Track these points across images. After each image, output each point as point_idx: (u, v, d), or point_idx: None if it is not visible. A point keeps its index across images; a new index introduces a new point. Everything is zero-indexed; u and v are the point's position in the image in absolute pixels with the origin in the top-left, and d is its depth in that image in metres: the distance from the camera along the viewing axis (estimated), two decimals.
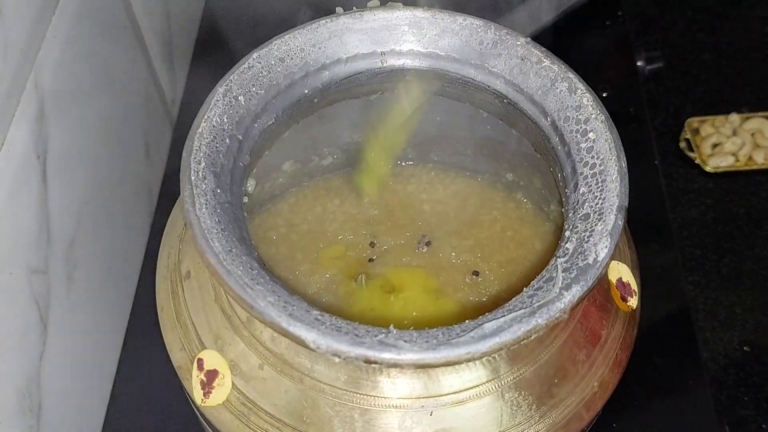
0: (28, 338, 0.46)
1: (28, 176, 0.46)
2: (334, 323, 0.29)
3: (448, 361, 0.28)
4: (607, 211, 0.32)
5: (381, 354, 0.28)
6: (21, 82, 0.45)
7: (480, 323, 0.29)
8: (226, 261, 0.30)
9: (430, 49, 0.40)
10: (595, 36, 0.80)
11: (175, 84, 0.73)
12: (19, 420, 0.45)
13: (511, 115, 0.40)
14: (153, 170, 0.67)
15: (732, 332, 0.62)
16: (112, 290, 0.59)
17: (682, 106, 0.77)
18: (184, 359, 0.36)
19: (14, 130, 0.44)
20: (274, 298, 0.29)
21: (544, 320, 0.29)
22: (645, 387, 0.57)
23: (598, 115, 0.35)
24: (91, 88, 0.55)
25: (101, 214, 0.56)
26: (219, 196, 0.33)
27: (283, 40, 0.38)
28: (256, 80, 0.37)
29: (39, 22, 0.47)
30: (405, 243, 0.48)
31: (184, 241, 0.39)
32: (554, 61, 0.38)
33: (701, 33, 0.84)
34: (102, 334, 0.57)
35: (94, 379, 0.56)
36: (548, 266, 0.31)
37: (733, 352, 0.61)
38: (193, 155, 0.33)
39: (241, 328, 0.35)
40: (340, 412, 0.33)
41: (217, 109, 0.35)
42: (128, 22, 0.62)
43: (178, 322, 0.37)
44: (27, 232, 0.46)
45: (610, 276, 0.38)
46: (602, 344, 0.36)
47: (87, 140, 0.54)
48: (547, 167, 0.39)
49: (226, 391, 0.34)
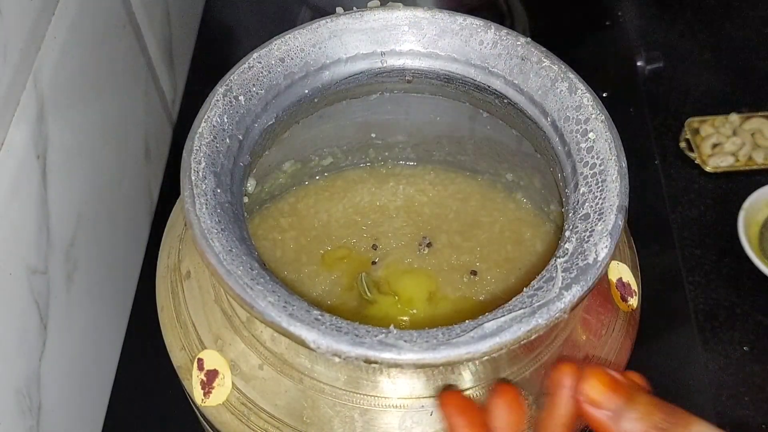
0: (28, 338, 0.46)
1: (28, 176, 0.46)
2: (334, 323, 0.29)
3: (449, 361, 0.28)
4: (607, 211, 0.32)
5: (381, 354, 0.28)
6: (21, 82, 0.45)
7: (480, 323, 0.29)
8: (226, 261, 0.30)
9: (430, 49, 0.40)
10: (595, 36, 0.80)
11: (175, 84, 0.73)
12: (19, 420, 0.45)
13: (511, 115, 0.40)
14: (153, 170, 0.67)
15: (732, 332, 0.62)
16: (112, 290, 0.59)
17: (682, 106, 0.77)
18: (184, 359, 0.36)
19: (14, 130, 0.44)
20: (275, 298, 0.29)
21: (544, 320, 0.29)
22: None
23: (598, 115, 0.35)
24: (91, 88, 0.55)
25: (101, 214, 0.56)
26: (219, 196, 0.33)
27: (283, 40, 0.38)
28: (256, 80, 0.37)
29: (39, 22, 0.47)
30: (405, 244, 0.48)
31: (184, 241, 0.39)
32: (554, 61, 0.38)
33: (701, 33, 0.84)
34: (102, 334, 0.57)
35: (94, 379, 0.56)
36: (548, 266, 0.31)
37: (733, 352, 0.61)
38: (194, 155, 0.33)
39: (241, 328, 0.35)
40: (340, 412, 0.33)
41: (217, 109, 0.35)
42: (128, 22, 0.61)
43: (178, 322, 0.37)
44: (27, 232, 0.46)
45: (611, 276, 0.38)
46: (602, 344, 0.36)
47: (87, 140, 0.54)
48: (547, 167, 0.39)
49: (226, 391, 0.34)
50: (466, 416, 0.29)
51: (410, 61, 0.40)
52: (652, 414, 0.26)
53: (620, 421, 0.26)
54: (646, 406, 0.27)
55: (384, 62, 0.40)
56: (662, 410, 0.26)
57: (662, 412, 0.26)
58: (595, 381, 0.27)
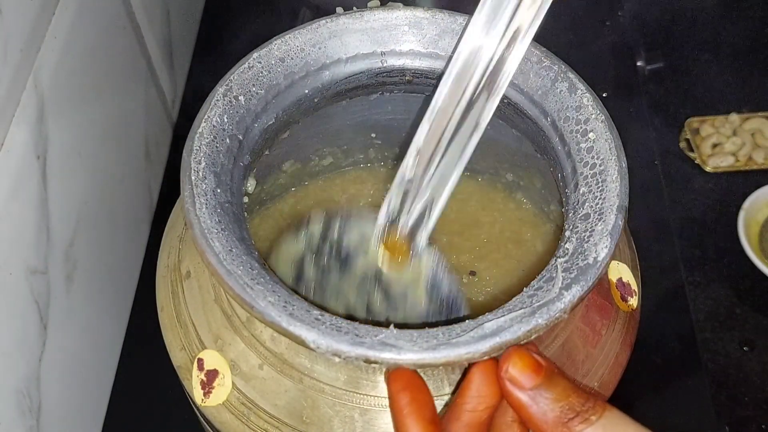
0: (28, 338, 0.46)
1: (28, 176, 0.46)
2: (334, 323, 0.29)
3: (449, 361, 0.28)
4: (608, 211, 0.32)
5: (381, 354, 0.28)
6: (21, 82, 0.45)
7: (480, 323, 0.29)
8: (226, 261, 0.30)
9: (430, 49, 0.40)
10: (595, 36, 0.80)
11: (175, 84, 0.73)
12: (19, 420, 0.45)
13: (511, 115, 0.40)
14: (153, 170, 0.67)
15: (732, 332, 0.62)
16: (112, 290, 0.59)
17: (682, 106, 0.77)
18: (184, 359, 0.36)
19: (14, 130, 0.44)
20: (275, 297, 0.29)
21: (544, 320, 0.29)
22: (645, 387, 0.57)
23: (598, 115, 0.35)
24: (91, 88, 0.55)
25: (101, 214, 0.56)
26: (219, 195, 0.33)
27: (283, 40, 0.38)
28: (256, 80, 0.37)
29: (39, 22, 0.47)
30: None
31: (184, 241, 0.39)
32: (554, 61, 0.38)
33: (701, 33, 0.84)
34: (102, 334, 0.57)
35: (94, 379, 0.56)
36: (548, 266, 0.31)
37: (733, 352, 0.61)
38: (194, 155, 0.33)
39: (241, 328, 0.35)
40: (340, 412, 0.33)
41: (217, 109, 0.35)
42: (128, 22, 0.61)
43: (179, 322, 0.37)
44: (27, 232, 0.46)
45: (611, 276, 0.38)
46: (602, 344, 0.36)
47: (87, 140, 0.54)
48: (547, 167, 0.39)
49: (226, 391, 0.34)
50: (411, 392, 0.29)
51: (410, 61, 0.40)
52: (569, 396, 0.28)
53: (537, 400, 0.28)
54: (563, 389, 0.28)
55: (384, 62, 0.40)
56: (578, 394, 0.28)
57: (578, 395, 0.28)
58: (516, 359, 0.28)
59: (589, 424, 0.27)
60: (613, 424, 0.27)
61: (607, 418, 0.27)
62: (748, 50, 0.82)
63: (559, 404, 0.27)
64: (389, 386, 0.30)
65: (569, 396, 0.28)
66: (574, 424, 0.27)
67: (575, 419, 0.27)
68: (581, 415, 0.27)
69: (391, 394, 0.29)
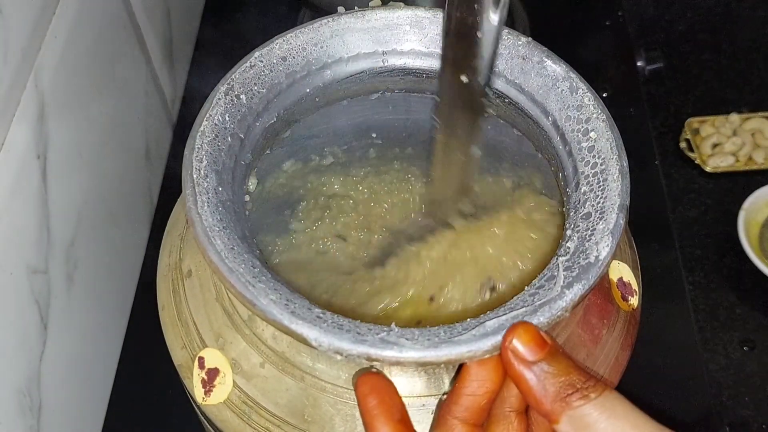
0: (28, 338, 0.46)
1: (28, 176, 0.46)
2: (336, 321, 0.29)
3: (450, 359, 0.28)
4: (609, 210, 0.32)
5: (383, 352, 0.28)
6: (21, 82, 0.45)
7: (481, 321, 0.29)
8: (228, 259, 0.30)
9: (432, 48, 0.40)
10: (595, 36, 0.80)
11: (175, 84, 0.73)
12: (20, 420, 0.45)
13: (512, 115, 0.40)
14: (153, 170, 0.67)
15: (732, 332, 0.62)
16: (112, 290, 0.59)
17: (682, 106, 0.77)
18: (185, 358, 0.36)
19: (14, 130, 0.44)
20: (276, 296, 0.29)
21: (545, 319, 0.29)
22: (645, 387, 0.57)
23: (599, 115, 0.35)
24: (91, 88, 0.55)
25: (101, 214, 0.56)
26: (221, 194, 0.33)
27: (284, 39, 0.38)
28: (257, 79, 0.37)
29: (39, 22, 0.47)
30: None
31: (186, 239, 0.39)
32: (555, 61, 0.38)
33: (701, 33, 0.84)
34: (102, 334, 0.57)
35: (94, 379, 0.56)
36: (550, 265, 0.31)
37: (733, 352, 0.61)
38: (195, 153, 0.33)
39: (242, 327, 0.35)
40: (342, 410, 0.33)
41: (218, 108, 0.35)
42: (128, 22, 0.61)
43: (180, 321, 0.37)
44: (27, 232, 0.46)
45: (611, 275, 0.38)
46: (603, 343, 0.36)
47: (87, 140, 0.54)
48: (549, 167, 0.39)
49: (228, 390, 0.34)
50: (378, 394, 0.29)
51: (412, 60, 0.40)
52: (570, 373, 0.28)
53: (538, 373, 0.28)
54: (565, 366, 0.28)
55: (385, 62, 0.40)
56: (580, 372, 0.28)
57: (580, 374, 0.28)
58: (521, 331, 0.28)
59: (587, 400, 0.27)
60: (612, 404, 0.27)
61: (605, 398, 0.27)
62: (748, 50, 0.82)
63: (559, 379, 0.27)
64: (356, 390, 0.30)
65: (570, 373, 0.28)
66: (573, 399, 0.27)
67: (574, 395, 0.27)
68: (580, 391, 0.27)
69: (359, 398, 0.30)
